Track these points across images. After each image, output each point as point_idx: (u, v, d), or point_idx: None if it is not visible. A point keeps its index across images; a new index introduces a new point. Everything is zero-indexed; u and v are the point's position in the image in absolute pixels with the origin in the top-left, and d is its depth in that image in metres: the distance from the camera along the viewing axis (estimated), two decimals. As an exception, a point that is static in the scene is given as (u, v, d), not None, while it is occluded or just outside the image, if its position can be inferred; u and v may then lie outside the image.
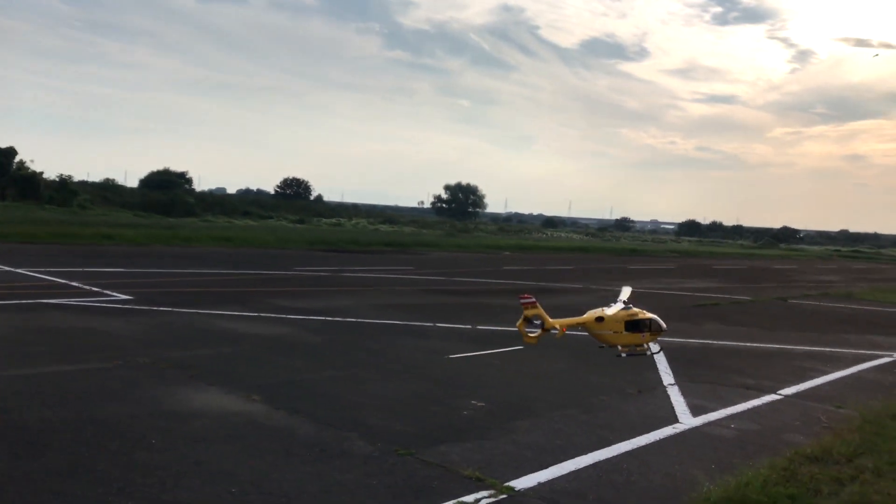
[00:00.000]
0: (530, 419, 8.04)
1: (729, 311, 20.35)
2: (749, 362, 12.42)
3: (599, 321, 6.48)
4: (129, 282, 18.15)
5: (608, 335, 6.49)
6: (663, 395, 9.58)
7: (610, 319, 6.45)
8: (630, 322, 6.56)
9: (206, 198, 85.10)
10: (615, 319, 6.48)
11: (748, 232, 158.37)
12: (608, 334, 6.50)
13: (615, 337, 6.46)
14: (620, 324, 6.50)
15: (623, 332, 6.48)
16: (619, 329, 6.48)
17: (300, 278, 22.49)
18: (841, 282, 38.85)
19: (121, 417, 7.15)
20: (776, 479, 6.22)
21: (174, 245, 33.23)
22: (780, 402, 9.75)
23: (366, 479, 5.91)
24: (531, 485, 6.04)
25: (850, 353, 14.16)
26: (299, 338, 12.20)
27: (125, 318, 13.05)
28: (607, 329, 6.54)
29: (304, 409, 7.85)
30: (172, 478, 5.69)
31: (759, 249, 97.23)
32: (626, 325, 6.58)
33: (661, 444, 7.51)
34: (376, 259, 33.18)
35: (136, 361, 9.62)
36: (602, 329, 6.51)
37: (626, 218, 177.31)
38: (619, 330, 6.48)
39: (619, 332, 6.47)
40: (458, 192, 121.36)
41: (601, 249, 61.04)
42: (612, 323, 6.43)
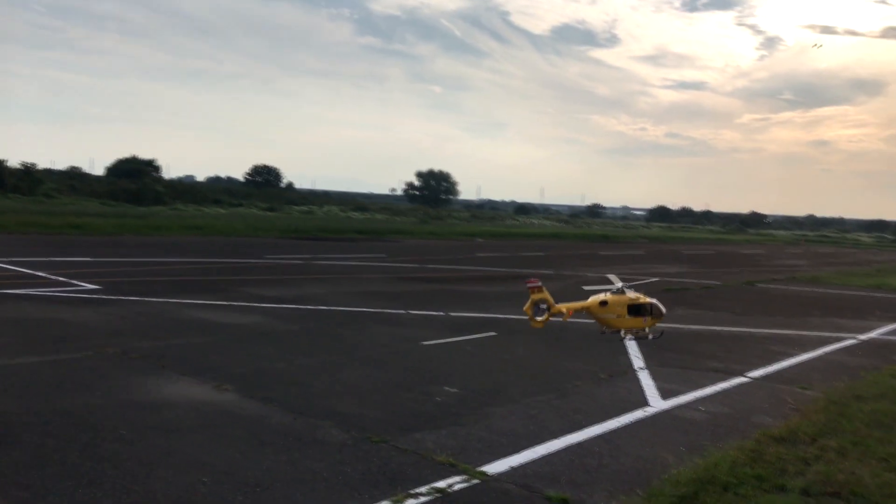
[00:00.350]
0: (504, 405, 8.09)
1: (698, 296, 20.63)
2: (718, 346, 12.61)
3: (603, 305, 6.66)
4: (97, 271, 17.88)
5: (612, 319, 6.68)
6: (634, 379, 9.70)
7: (613, 303, 6.62)
8: (632, 306, 6.74)
9: (176, 186, 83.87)
10: (618, 303, 6.65)
11: (717, 217, 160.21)
12: (612, 318, 6.69)
13: (618, 321, 6.66)
14: (623, 308, 6.70)
15: (626, 316, 6.68)
16: (623, 313, 6.69)
17: (272, 266, 22.34)
18: (807, 266, 39.55)
19: (90, 409, 7.07)
20: (744, 459, 6.34)
21: (143, 234, 32.80)
22: (749, 384, 9.92)
23: (339, 467, 5.91)
24: (504, 469, 6.09)
25: (816, 335, 14.44)
26: (271, 326, 12.13)
27: (93, 308, 12.87)
28: (611, 313, 6.72)
29: (276, 397, 7.82)
30: (143, 468, 5.64)
31: (728, 234, 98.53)
32: (628, 310, 6.74)
33: (631, 427, 7.61)
34: (349, 247, 33.05)
35: (105, 352, 9.50)
36: (606, 313, 6.69)
37: (597, 204, 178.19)
38: (623, 314, 6.70)
39: (623, 316, 6.69)
40: (431, 179, 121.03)
41: (573, 236, 61.43)
42: (615, 307, 6.61)
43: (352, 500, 5.29)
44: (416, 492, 5.47)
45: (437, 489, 5.55)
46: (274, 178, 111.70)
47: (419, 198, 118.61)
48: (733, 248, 60.20)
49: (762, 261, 42.71)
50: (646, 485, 5.83)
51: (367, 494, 5.39)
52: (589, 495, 5.64)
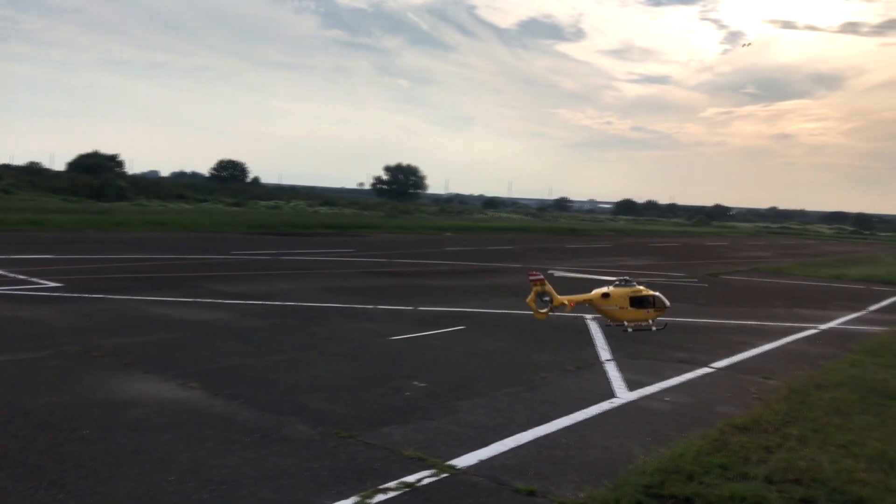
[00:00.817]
0: (472, 398, 8.12)
1: (663, 288, 20.86)
2: (683, 337, 12.78)
3: (605, 297, 6.72)
4: (58, 269, 17.54)
5: (614, 311, 6.74)
6: (601, 371, 9.80)
7: (615, 295, 6.69)
8: (634, 298, 6.79)
9: (139, 181, 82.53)
10: (620, 295, 6.71)
11: (682, 210, 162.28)
12: (614, 310, 6.74)
13: (621, 313, 6.73)
14: (625, 300, 6.75)
15: (628, 307, 6.73)
16: (625, 305, 6.75)
17: (238, 262, 22.12)
18: (770, 257, 40.28)
19: (52, 408, 6.94)
20: (708, 449, 6.45)
21: (106, 230, 32.24)
22: (713, 374, 10.08)
23: (307, 463, 5.88)
24: (472, 462, 6.11)
25: (778, 325, 14.72)
26: (238, 323, 12.02)
27: (55, 306, 12.63)
28: (613, 305, 6.79)
29: (243, 394, 7.75)
30: (107, 468, 5.56)
31: (693, 227, 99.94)
32: (630, 302, 6.78)
33: (598, 418, 7.69)
34: (316, 242, 32.85)
35: (68, 351, 9.33)
36: (608, 305, 6.75)
37: (564, 198, 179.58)
38: (625, 306, 6.75)
39: (625, 308, 6.75)
40: (399, 173, 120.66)
41: (541, 229, 61.75)
42: (617, 299, 6.68)
43: (320, 496, 5.27)
44: (384, 487, 5.47)
45: (405, 484, 5.55)
46: (240, 172, 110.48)
47: (387, 192, 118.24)
48: (698, 240, 61.06)
49: (726, 253, 43.39)
50: (612, 475, 5.90)
51: (335, 490, 5.38)
52: (556, 487, 5.69)
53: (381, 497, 5.30)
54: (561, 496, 5.49)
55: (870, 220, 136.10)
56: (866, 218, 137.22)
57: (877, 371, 9.97)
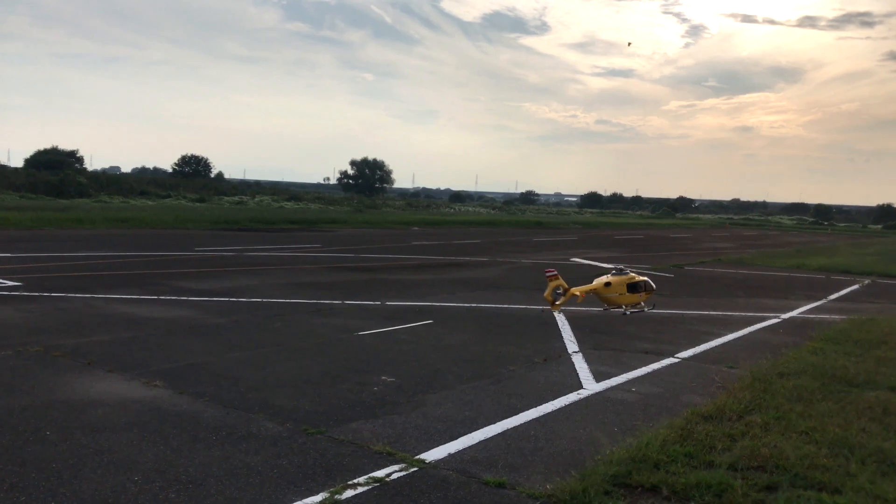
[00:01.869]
0: (440, 392, 8.12)
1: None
2: (648, 328, 12.91)
3: (608, 286, 7.34)
4: (16, 267, 17.14)
5: (615, 297, 7.41)
6: (568, 362, 9.87)
7: (615, 284, 7.34)
8: (630, 285, 7.44)
9: (100, 177, 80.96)
10: (619, 283, 7.36)
11: (647, 202, 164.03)
12: (615, 296, 7.42)
13: (620, 298, 7.40)
14: (623, 286, 7.46)
15: (626, 293, 7.37)
16: (623, 291, 7.47)
17: (202, 259, 21.82)
18: (733, 248, 40.94)
19: (11, 410, 6.78)
20: (674, 438, 6.53)
21: (66, 228, 31.58)
22: (678, 364, 10.21)
23: (275, 460, 5.83)
24: (442, 456, 6.12)
25: (741, 315, 14.97)
26: (202, 320, 11.86)
27: (13, 305, 12.34)
28: (614, 292, 7.49)
29: (209, 392, 7.66)
30: (70, 469, 5.45)
31: (657, 219, 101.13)
32: (627, 288, 7.44)
33: (566, 410, 7.74)
34: (282, 237, 32.56)
35: (27, 351, 9.12)
36: (610, 293, 7.42)
37: (531, 191, 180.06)
38: (623, 292, 7.46)
39: (623, 294, 7.39)
40: (365, 168, 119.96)
41: (508, 223, 61.98)
42: (617, 286, 7.34)
43: (289, 493, 5.23)
44: (354, 482, 5.45)
45: (375, 479, 5.53)
46: (203, 168, 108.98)
47: (353, 186, 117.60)
48: (662, 232, 61.81)
49: (690, 244, 44.00)
50: (580, 466, 5.95)
51: (304, 487, 5.34)
52: (526, 478, 5.72)
53: (350, 493, 5.27)
54: (530, 488, 5.52)
55: (829, 211, 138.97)
56: (825, 209, 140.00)
57: (837, 358, 10.19)
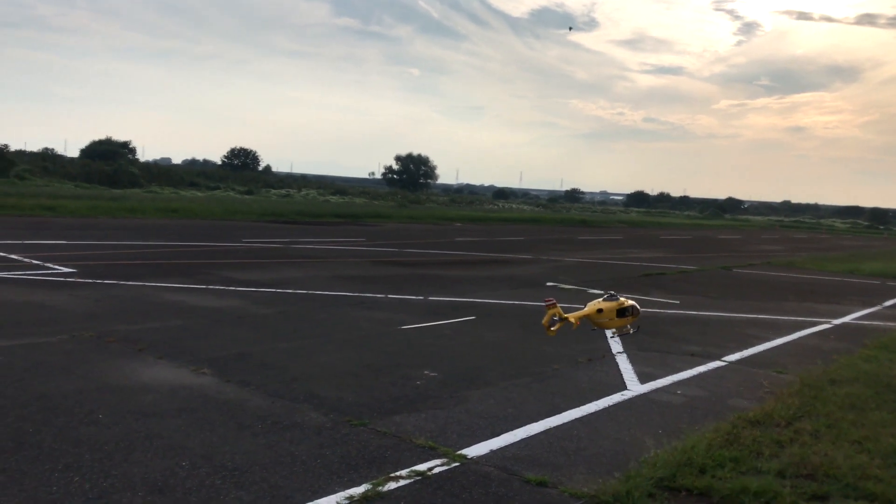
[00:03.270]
0: (483, 388, 8.12)
1: (675, 281, 20.80)
2: (695, 330, 12.73)
3: (600, 312, 7.66)
4: (72, 254, 17.65)
5: (605, 322, 7.75)
6: (612, 363, 9.78)
7: (607, 310, 7.68)
8: (619, 310, 7.78)
9: (151, 168, 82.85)
10: (610, 309, 7.73)
11: (694, 203, 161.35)
12: (606, 321, 7.74)
13: (610, 322, 7.74)
14: (613, 312, 7.80)
15: (615, 318, 7.73)
16: (613, 316, 7.80)
17: (249, 250, 22.17)
18: (783, 251, 40.04)
19: (66, 393, 6.99)
20: (720, 442, 6.42)
21: (119, 217, 32.39)
22: (725, 368, 10.04)
23: (319, 450, 5.90)
24: (484, 452, 6.12)
25: (791, 320, 14.63)
26: (249, 310, 12.06)
27: (68, 291, 12.71)
28: (605, 317, 7.79)
29: (255, 381, 7.78)
30: (121, 452, 5.59)
31: (705, 220, 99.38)
32: (617, 313, 7.79)
33: (610, 410, 7.67)
34: (327, 230, 32.89)
35: (81, 336, 9.39)
36: (602, 318, 7.72)
37: (576, 189, 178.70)
38: (613, 317, 7.79)
39: (613, 319, 7.74)
40: (410, 163, 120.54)
41: (552, 220, 61.60)
42: (608, 312, 7.67)
43: (332, 483, 5.28)
44: (396, 475, 5.48)
45: (417, 472, 5.56)
46: (252, 160, 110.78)
47: (398, 182, 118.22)
48: (710, 233, 60.76)
49: (738, 246, 43.17)
50: (624, 467, 5.88)
51: (346, 477, 5.39)
52: (568, 478, 5.68)
53: (392, 485, 5.31)
54: (572, 487, 5.49)
55: (885, 215, 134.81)
56: (882, 212, 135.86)
57: (891, 367, 9.90)
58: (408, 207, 63.92)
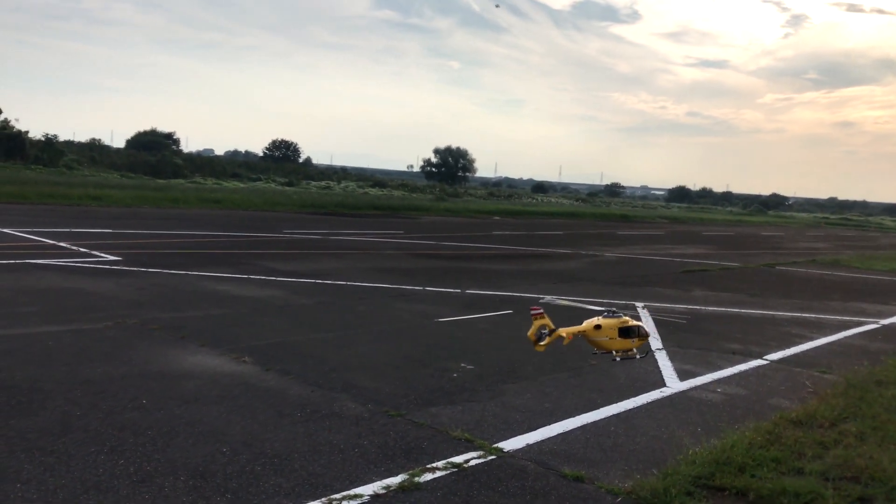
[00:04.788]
0: (519, 382, 8.11)
1: (717, 278, 20.49)
2: (736, 328, 12.53)
3: (597, 329, 7.06)
4: (117, 243, 18.05)
5: (605, 341, 7.12)
6: (651, 359, 9.67)
7: (606, 327, 7.05)
8: (622, 329, 7.14)
9: (195, 159, 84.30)
10: (610, 327, 7.09)
11: (737, 198, 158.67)
12: (605, 340, 7.11)
13: (610, 342, 7.09)
14: (614, 330, 7.12)
15: (617, 338, 7.09)
16: (614, 336, 7.11)
17: (290, 241, 22.43)
18: (828, 249, 39.13)
19: (111, 378, 7.16)
20: (761, 441, 6.32)
21: (163, 206, 33.02)
22: (767, 367, 9.87)
23: (357, 440, 5.95)
24: (520, 446, 6.11)
25: (836, 319, 14.31)
26: (289, 300, 12.20)
27: (114, 279, 13.00)
28: (604, 336, 7.15)
29: (294, 370, 7.88)
30: (164, 437, 5.72)
31: (748, 216, 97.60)
32: (619, 332, 7.17)
33: (648, 407, 7.60)
34: (366, 222, 33.08)
35: (126, 322, 9.60)
36: (600, 336, 7.10)
37: (616, 183, 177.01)
38: (614, 336, 7.11)
39: (614, 339, 7.10)
40: (448, 156, 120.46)
41: (591, 215, 61.13)
42: (607, 330, 7.05)
43: (369, 472, 5.33)
44: (432, 466, 5.51)
45: (453, 464, 5.58)
46: (292, 152, 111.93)
47: (436, 174, 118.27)
48: (753, 229, 59.66)
49: (782, 243, 42.33)
50: (661, 464, 5.83)
51: (383, 467, 5.43)
52: (605, 473, 5.65)
53: (429, 476, 5.33)
54: (609, 483, 5.46)
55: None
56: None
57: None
58: (446, 200, 63.97)
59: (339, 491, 4.99)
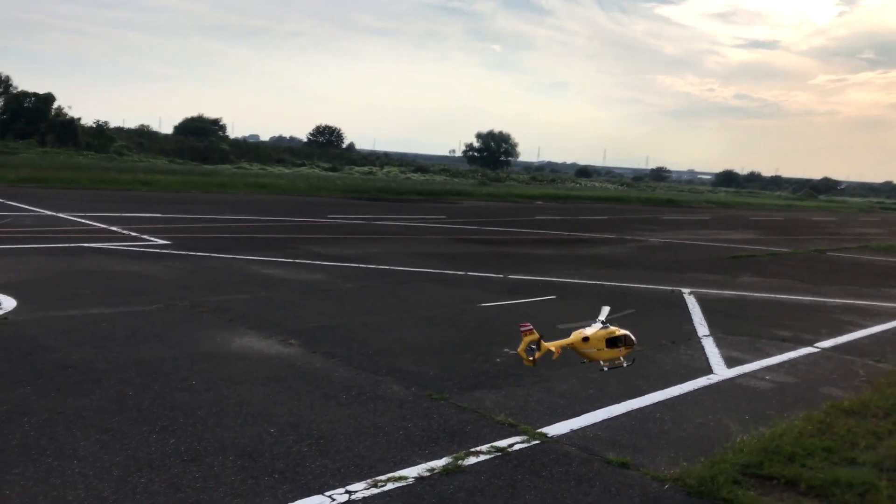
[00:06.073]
0: (563, 368, 8.05)
1: (765, 264, 20.07)
2: (785, 315, 12.28)
3: (586, 341, 7.11)
4: (166, 227, 18.42)
5: (593, 353, 7.18)
6: (698, 346, 9.55)
7: (594, 339, 7.09)
8: (609, 339, 7.20)
9: (241, 145, 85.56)
10: (597, 338, 7.13)
11: (787, 183, 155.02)
12: (593, 352, 7.18)
13: (598, 353, 7.16)
14: (602, 342, 7.18)
15: (604, 348, 7.16)
16: (602, 346, 7.17)
17: (334, 226, 22.63)
18: (882, 235, 38.00)
19: (163, 359, 7.33)
20: (811, 430, 6.19)
21: (210, 191, 33.58)
22: (817, 355, 9.65)
23: (401, 422, 6.00)
24: (564, 431, 6.10)
25: (890, 306, 13.91)
26: (334, 284, 12.32)
27: (163, 262, 13.29)
28: (592, 347, 7.19)
29: (339, 353, 7.96)
30: (213, 417, 5.84)
31: (798, 201, 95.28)
32: (606, 343, 7.22)
33: (694, 394, 7.50)
34: (408, 207, 33.19)
35: (176, 305, 9.81)
36: (588, 348, 7.16)
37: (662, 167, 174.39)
38: (602, 347, 7.17)
39: (602, 349, 7.16)
40: (491, 141, 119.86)
41: (636, 199, 60.30)
42: (595, 342, 7.09)
43: (414, 454, 5.37)
44: (476, 450, 5.53)
45: (497, 448, 5.59)
46: (336, 138, 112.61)
47: (478, 159, 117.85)
48: (803, 214, 58.24)
49: (834, 228, 41.24)
50: (708, 452, 5.75)
51: (428, 450, 5.47)
52: (650, 460, 5.60)
53: (473, 459, 5.36)
54: (654, 470, 5.41)
55: None
56: None
57: None
58: (488, 185, 63.78)
59: (384, 472, 5.04)
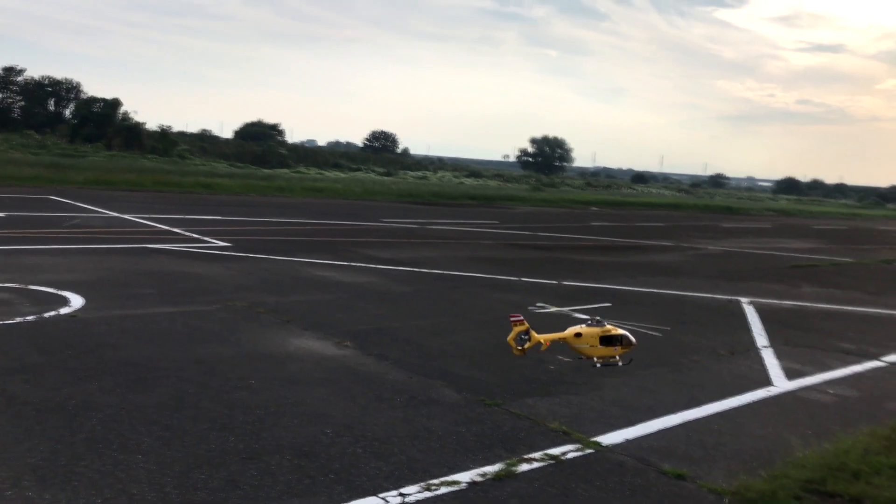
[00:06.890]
0: (618, 376, 7.97)
1: (828, 273, 19.47)
2: (849, 327, 11.90)
3: (578, 336, 7.07)
4: (227, 229, 18.85)
5: (585, 349, 7.14)
6: (756, 357, 9.33)
7: (587, 335, 7.05)
8: (604, 337, 7.13)
9: (298, 150, 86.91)
10: (590, 335, 7.07)
11: (852, 191, 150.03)
12: (585, 348, 7.15)
13: (591, 350, 7.12)
14: (595, 339, 7.15)
15: (598, 346, 7.11)
16: (595, 343, 7.16)
17: (388, 230, 22.81)
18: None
19: (222, 358, 7.51)
20: (878, 447, 5.99)
21: (269, 195, 34.24)
22: (884, 369, 9.33)
23: (454, 427, 6.02)
24: (618, 441, 6.02)
25: (962, 320, 13.34)
26: (388, 287, 12.43)
27: (224, 264, 13.60)
28: (584, 343, 7.17)
29: (393, 356, 8.03)
30: (271, 417, 5.95)
31: (864, 209, 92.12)
32: (600, 340, 7.15)
33: (753, 406, 7.33)
34: (461, 212, 33.24)
35: (235, 305, 10.03)
36: (580, 343, 7.13)
37: (720, 174, 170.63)
38: (595, 344, 7.16)
39: (595, 346, 7.12)
40: (545, 146, 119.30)
41: (694, 206, 59.19)
42: (588, 338, 7.05)
43: (466, 460, 5.38)
44: (529, 457, 5.51)
45: (550, 455, 5.56)
46: (391, 143, 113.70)
47: (532, 164, 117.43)
48: (869, 223, 56.32)
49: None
50: (768, 466, 5.62)
51: (481, 456, 5.47)
52: (707, 472, 5.50)
53: (525, 466, 5.34)
54: (712, 482, 5.30)
55: None
56: None
57: None
58: (542, 191, 63.41)
59: (437, 476, 5.07)
